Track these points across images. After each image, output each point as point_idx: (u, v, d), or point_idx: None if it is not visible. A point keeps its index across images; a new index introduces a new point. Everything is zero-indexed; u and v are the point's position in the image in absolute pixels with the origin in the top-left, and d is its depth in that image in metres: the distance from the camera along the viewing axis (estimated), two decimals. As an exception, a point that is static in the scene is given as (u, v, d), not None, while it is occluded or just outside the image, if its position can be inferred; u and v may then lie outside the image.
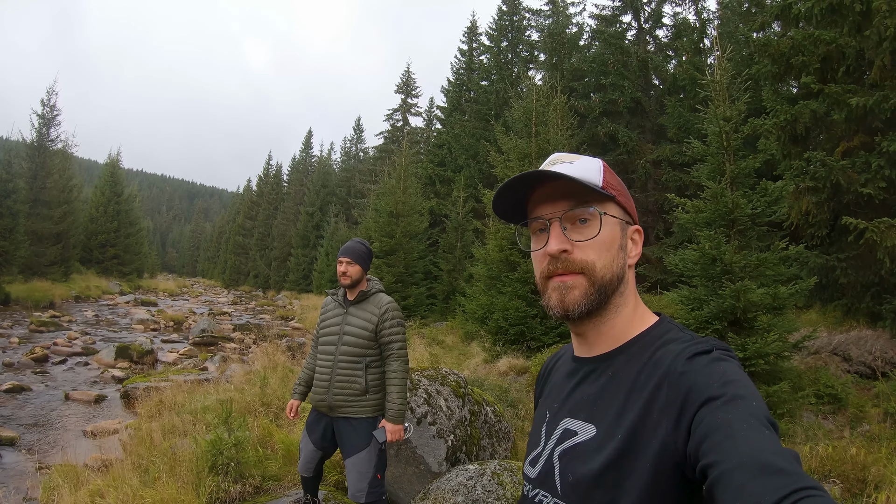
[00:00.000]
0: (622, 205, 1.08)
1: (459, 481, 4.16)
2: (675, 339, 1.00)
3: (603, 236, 1.04)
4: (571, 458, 1.01)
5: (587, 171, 1.05)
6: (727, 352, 0.95)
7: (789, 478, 0.70)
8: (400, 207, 19.87)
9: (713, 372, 0.89)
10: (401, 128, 41.16)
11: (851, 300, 8.96)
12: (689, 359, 0.93)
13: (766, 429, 0.79)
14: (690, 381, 0.90)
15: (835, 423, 6.59)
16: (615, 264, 1.05)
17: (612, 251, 1.05)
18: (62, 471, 5.07)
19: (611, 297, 1.05)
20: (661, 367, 0.95)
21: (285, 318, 26.33)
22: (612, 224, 1.05)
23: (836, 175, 8.16)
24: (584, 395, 1.07)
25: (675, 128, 17.46)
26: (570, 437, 1.04)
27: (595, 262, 1.03)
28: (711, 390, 0.86)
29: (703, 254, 7.07)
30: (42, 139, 31.08)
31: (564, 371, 1.18)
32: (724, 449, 0.77)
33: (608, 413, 0.99)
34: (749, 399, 0.83)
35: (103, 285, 33.26)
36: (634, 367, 1.00)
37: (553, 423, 1.11)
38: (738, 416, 0.80)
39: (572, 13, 27.03)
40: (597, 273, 1.03)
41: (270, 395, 7.45)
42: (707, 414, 0.84)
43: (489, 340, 11.97)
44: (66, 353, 12.88)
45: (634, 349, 1.03)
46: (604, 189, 1.05)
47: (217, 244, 77.52)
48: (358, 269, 3.84)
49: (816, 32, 8.50)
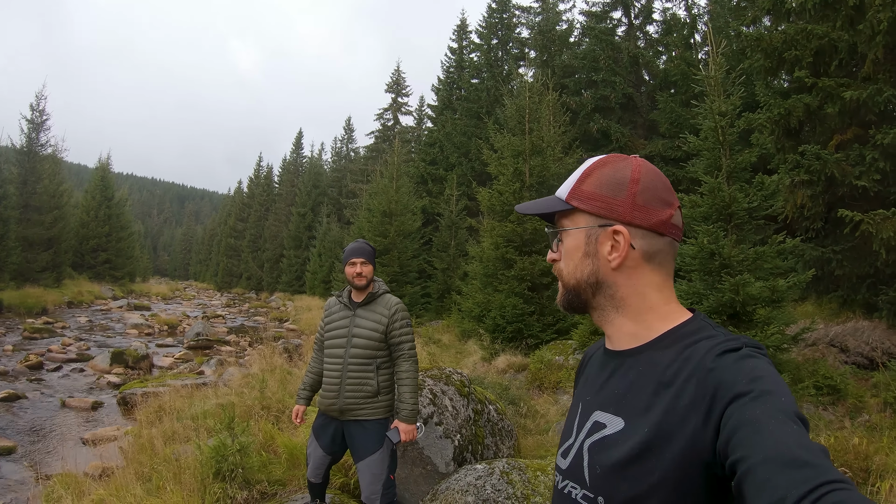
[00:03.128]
0: (591, 212, 1.09)
1: (469, 481, 4.15)
2: (707, 337, 0.99)
3: (566, 247, 1.14)
4: (599, 451, 1.02)
5: (562, 188, 1.15)
6: (757, 349, 0.95)
7: (816, 471, 0.70)
8: (393, 206, 19.85)
9: (742, 368, 0.89)
10: (392, 127, 41.14)
11: (847, 292, 9.00)
12: (718, 356, 0.93)
13: (794, 424, 0.78)
14: (719, 377, 0.90)
15: (835, 414, 6.62)
16: (579, 270, 1.11)
17: (574, 259, 1.12)
18: (63, 480, 5.03)
19: (591, 297, 1.12)
20: (691, 364, 0.95)
21: (280, 319, 26.26)
22: (574, 235, 1.12)
23: (831, 168, 8.19)
24: (614, 389, 1.07)
25: (667, 123, 17.50)
26: (599, 430, 1.05)
27: (563, 270, 1.15)
28: (740, 387, 0.86)
29: (702, 248, 7.09)
30: (32, 144, 30.79)
31: (598, 363, 1.19)
32: (751, 444, 0.77)
33: (637, 407, 1.00)
34: (778, 395, 0.83)
35: (96, 290, 33.10)
36: (664, 363, 1.00)
37: (585, 416, 1.12)
38: (767, 411, 0.80)
39: (562, 10, 27.13)
40: (564, 279, 1.15)
41: (270, 398, 7.42)
42: (735, 410, 0.84)
43: (487, 338, 11.97)
44: (60, 359, 12.83)
45: (664, 344, 1.03)
46: (567, 201, 1.12)
47: (209, 247, 77.17)
48: (371, 268, 3.84)
49: (809, 27, 8.53)
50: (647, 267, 1.08)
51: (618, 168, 1.09)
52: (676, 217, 1.09)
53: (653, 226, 1.06)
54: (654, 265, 1.08)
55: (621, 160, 1.10)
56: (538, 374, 9.26)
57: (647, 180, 1.07)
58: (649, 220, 1.06)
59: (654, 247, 1.07)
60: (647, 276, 1.08)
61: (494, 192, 13.56)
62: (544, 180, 13.24)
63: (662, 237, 1.07)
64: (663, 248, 1.08)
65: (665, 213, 1.06)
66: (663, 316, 1.07)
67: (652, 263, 1.08)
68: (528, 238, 12.59)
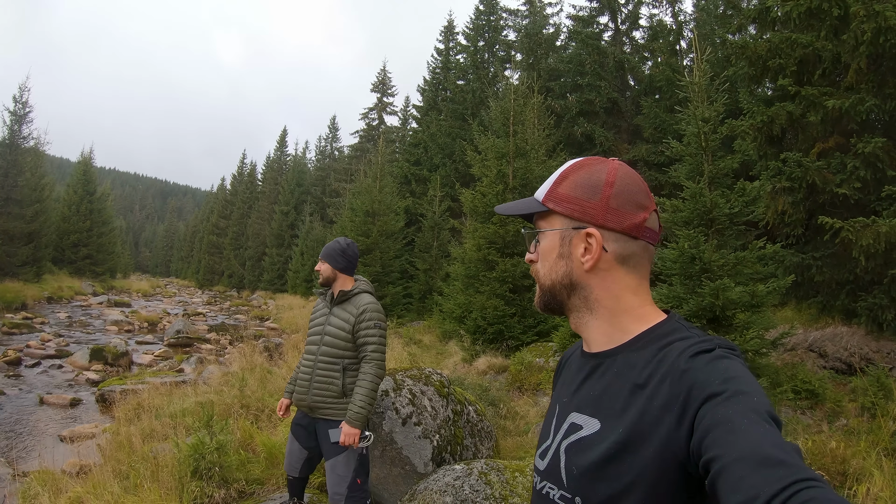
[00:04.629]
0: (566, 214, 1.11)
1: (447, 481, 4.14)
2: (681, 338, 1.01)
3: (542, 248, 1.16)
4: (576, 452, 1.04)
5: (541, 189, 1.17)
6: (731, 350, 0.96)
7: (789, 469, 0.71)
8: (376, 206, 19.84)
9: (715, 369, 0.90)
10: (376, 126, 41.17)
11: (827, 297, 9.09)
12: (691, 357, 0.94)
13: (767, 423, 0.79)
14: (693, 378, 0.91)
15: (813, 418, 6.68)
16: (554, 272, 1.13)
17: (549, 260, 1.14)
18: (40, 478, 4.97)
19: (566, 299, 1.13)
20: (665, 365, 0.96)
21: (261, 318, 26.16)
22: (549, 236, 1.14)
23: (812, 175, 8.28)
24: (590, 391, 1.08)
25: (651, 128, 17.60)
26: (576, 431, 1.06)
27: (539, 271, 1.16)
28: (713, 387, 0.87)
29: (682, 252, 7.12)
30: (14, 136, 30.45)
31: (575, 366, 1.20)
32: (725, 443, 0.78)
33: (612, 408, 1.01)
34: (751, 395, 0.84)
35: (76, 286, 32.79)
36: (639, 364, 1.01)
37: (562, 417, 1.13)
38: (740, 411, 0.81)
39: (549, 13, 27.23)
40: (540, 280, 1.16)
41: (250, 397, 7.37)
42: (709, 410, 0.84)
43: (468, 339, 11.96)
44: (39, 355, 12.68)
45: (640, 346, 1.04)
46: (543, 203, 1.14)
47: (191, 244, 76.66)
48: (327, 267, 3.81)
49: (794, 36, 8.62)
50: (622, 270, 1.09)
51: (593, 171, 1.10)
52: (652, 220, 1.09)
53: (626, 229, 1.07)
54: (628, 268, 1.09)
55: (598, 163, 1.11)
56: (518, 376, 9.26)
57: (622, 184, 1.08)
58: (622, 224, 1.07)
59: (628, 250, 1.08)
60: (622, 278, 1.09)
61: (478, 194, 13.56)
62: (528, 182, 13.25)
63: (636, 240, 1.08)
64: (637, 252, 1.09)
65: (639, 216, 1.07)
66: (638, 318, 1.08)
67: (626, 266, 1.09)
68: (511, 240, 12.59)
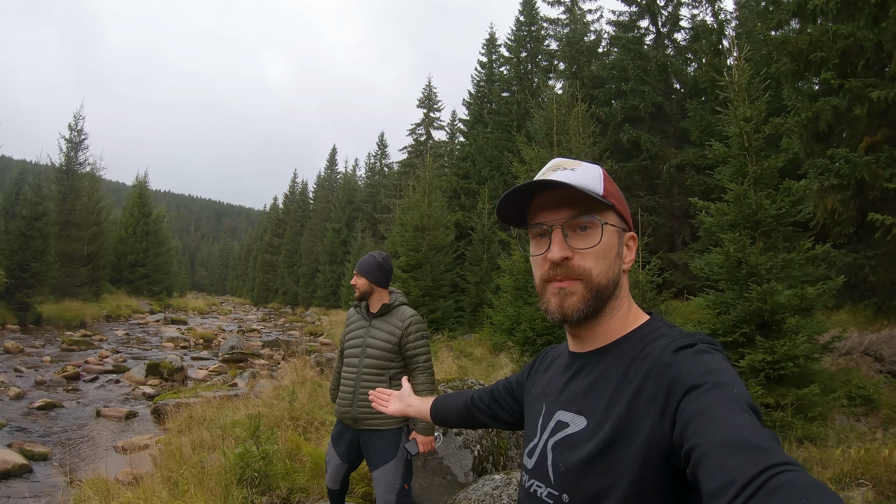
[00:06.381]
0: (620, 213, 1.12)
1: (485, 491, 4.14)
2: (664, 335, 1.04)
3: (603, 245, 1.07)
4: (563, 449, 1.06)
5: (588, 179, 1.08)
6: (711, 345, 0.99)
7: (766, 454, 0.72)
8: (425, 221, 19.86)
9: (696, 363, 0.93)
10: (424, 142, 41.40)
11: (882, 298, 8.77)
12: (674, 352, 0.97)
13: (746, 413, 0.81)
14: (675, 371, 0.93)
15: (868, 425, 6.46)
16: (611, 271, 1.09)
17: (609, 259, 1.09)
18: (93, 485, 5.15)
19: (607, 301, 1.09)
20: (649, 361, 0.99)
21: (314, 333, 26.43)
22: (611, 232, 1.09)
23: (861, 171, 8.03)
24: (576, 389, 1.11)
25: (698, 131, 17.27)
26: (562, 429, 1.08)
27: (593, 269, 1.07)
28: (694, 379, 0.89)
29: (728, 257, 6.99)
30: (70, 163, 31.66)
31: (561, 365, 1.22)
32: (705, 431, 0.80)
33: (598, 405, 1.03)
34: (731, 386, 0.86)
35: (133, 304, 33.83)
36: (624, 362, 1.04)
37: (548, 416, 1.15)
38: (720, 401, 0.83)
39: (589, 21, 27.03)
40: (594, 280, 1.06)
41: (299, 410, 7.49)
42: (690, 401, 0.87)
43: (517, 351, 11.91)
44: (97, 371, 13.13)
45: (625, 345, 1.07)
46: (604, 198, 1.08)
47: (245, 262, 78.38)
48: (364, 281, 3.84)
49: (834, 27, 8.40)
50: (625, 274, 1.14)
51: None
52: None
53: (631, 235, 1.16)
54: None
55: None
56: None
57: None
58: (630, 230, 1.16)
59: None
60: (626, 281, 1.14)
61: (524, 205, 13.48)
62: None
63: None
64: None
65: None
66: (632, 318, 1.13)
67: None
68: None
